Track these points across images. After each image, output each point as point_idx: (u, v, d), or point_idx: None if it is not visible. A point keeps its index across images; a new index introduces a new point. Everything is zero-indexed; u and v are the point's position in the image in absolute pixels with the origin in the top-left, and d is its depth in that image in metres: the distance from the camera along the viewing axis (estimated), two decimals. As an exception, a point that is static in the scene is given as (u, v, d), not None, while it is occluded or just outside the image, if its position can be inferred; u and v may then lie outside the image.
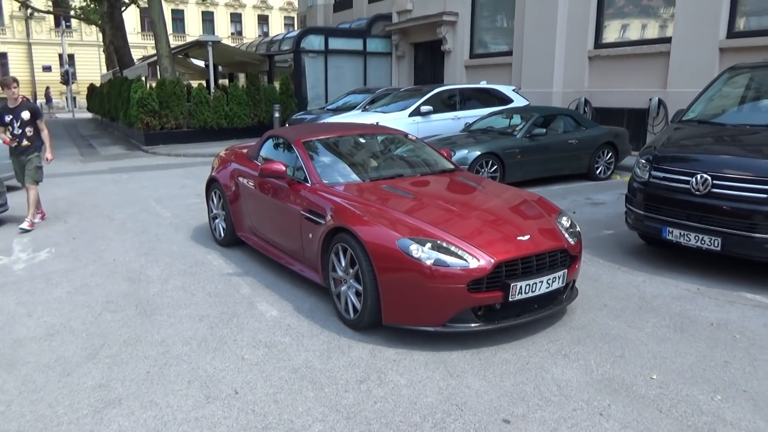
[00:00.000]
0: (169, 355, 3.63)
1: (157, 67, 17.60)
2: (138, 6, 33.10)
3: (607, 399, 3.10)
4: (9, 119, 6.88)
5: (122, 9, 27.06)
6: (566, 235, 4.08)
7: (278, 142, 5.63)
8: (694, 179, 4.85)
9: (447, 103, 11.21)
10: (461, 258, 3.60)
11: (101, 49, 39.75)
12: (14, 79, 6.94)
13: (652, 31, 11.88)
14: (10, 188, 8.31)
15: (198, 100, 16.14)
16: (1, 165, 8.48)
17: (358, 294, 3.92)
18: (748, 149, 5.00)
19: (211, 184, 6.25)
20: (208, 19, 51.89)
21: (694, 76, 10.17)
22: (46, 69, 34.43)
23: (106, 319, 4.21)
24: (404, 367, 3.46)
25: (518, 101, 11.47)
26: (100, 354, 3.66)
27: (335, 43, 18.67)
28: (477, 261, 3.60)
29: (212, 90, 17.34)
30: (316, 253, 4.34)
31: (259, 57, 20.60)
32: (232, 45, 28.94)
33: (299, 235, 4.61)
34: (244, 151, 6.24)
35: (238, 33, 52.38)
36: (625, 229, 5.98)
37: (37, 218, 7.11)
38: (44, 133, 7.11)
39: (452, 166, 5.42)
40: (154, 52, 19.48)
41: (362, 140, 5.67)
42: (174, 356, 3.62)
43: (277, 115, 15.35)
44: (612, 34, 12.59)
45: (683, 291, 4.62)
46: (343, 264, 4.04)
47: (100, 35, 37.75)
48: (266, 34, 47.11)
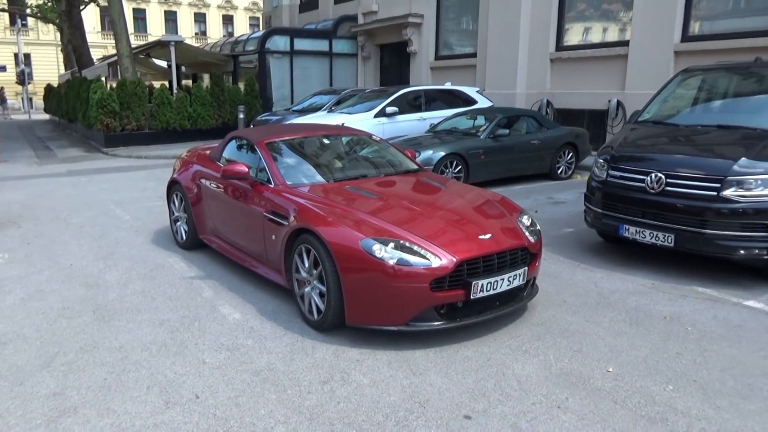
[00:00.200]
0: (128, 361, 3.56)
1: (118, 67, 17.22)
2: (98, 4, 32.34)
3: (565, 392, 3.17)
4: None
5: (81, 7, 26.38)
6: (527, 234, 4.15)
7: (241, 143, 5.58)
8: (649, 178, 5.00)
9: (412, 104, 11.28)
10: (424, 257, 3.64)
11: (59, 48, 38.65)
12: None
13: (611, 35, 12.19)
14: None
15: (160, 101, 15.85)
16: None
17: (321, 295, 3.92)
18: (699, 149, 5.17)
19: (172, 186, 6.15)
20: (171, 18, 51.01)
21: (651, 78, 10.47)
22: (1, 69, 33.36)
23: (61, 325, 4.10)
24: (368, 367, 3.47)
25: (482, 102, 11.62)
26: (55, 362, 3.57)
27: (301, 44, 18.58)
28: (439, 260, 3.64)
29: (175, 91, 17.05)
30: (279, 254, 4.32)
31: (223, 57, 20.35)
32: (196, 45, 28.53)
33: (262, 237, 4.58)
34: (207, 152, 6.16)
35: (203, 33, 51.64)
36: (584, 227, 6.12)
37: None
38: None
39: (416, 167, 5.46)
40: (114, 51, 19.05)
41: (326, 141, 5.66)
42: (132, 362, 3.55)
43: (241, 116, 15.19)
44: (573, 36, 12.87)
45: (639, 286, 4.76)
46: (307, 265, 4.03)
47: (57, 34, 36.71)
48: (231, 35, 46.53)
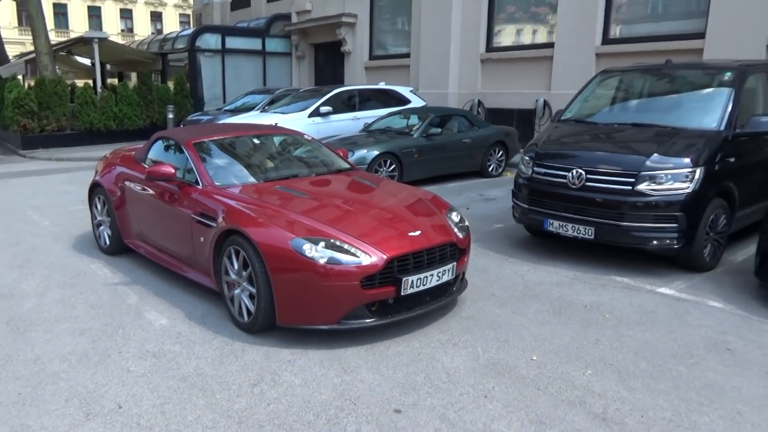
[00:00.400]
0: (45, 374, 3.39)
1: (36, 64, 16.30)
2: (13, -1, 30.48)
3: (491, 382, 3.27)
4: None
5: (-6, 1, 24.79)
6: (455, 230, 4.25)
7: (168, 143, 5.42)
8: (571, 174, 5.22)
9: (347, 103, 11.29)
10: (354, 255, 3.66)
11: (-30, 44, 36.14)
12: None
13: (538, 37, 12.63)
14: None
15: (83, 101, 15.13)
16: None
17: (251, 297, 3.87)
18: (616, 146, 5.45)
19: (95, 189, 5.90)
20: (94, 14, 48.66)
21: (575, 79, 10.89)
22: None
23: (-28, 338, 3.86)
24: (299, 367, 3.46)
25: (416, 102, 11.78)
26: (-36, 377, 3.35)
27: (233, 43, 18.21)
28: (369, 258, 3.67)
29: (99, 90, 16.33)
30: (208, 257, 4.23)
31: (151, 56, 19.66)
32: (122, 42, 27.40)
33: (190, 240, 4.47)
34: (131, 153, 5.95)
35: (129, 30, 49.59)
36: (513, 223, 6.32)
37: None
38: None
39: (348, 166, 5.47)
40: (32, 48, 18.02)
41: (257, 141, 5.58)
42: (50, 374, 3.38)
43: (171, 116, 14.73)
44: (502, 38, 13.24)
45: (562, 278, 4.97)
46: (236, 267, 3.97)
47: (-32, 30, 34.30)
48: (160, 32, 44.97)
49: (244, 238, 3.83)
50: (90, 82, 19.20)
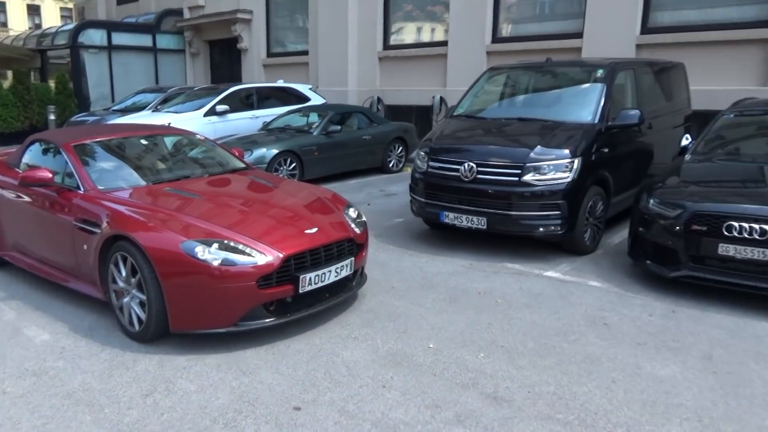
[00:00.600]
0: None
1: None
2: None
3: (390, 372, 3.35)
4: None
5: None
6: (353, 226, 4.29)
7: (46, 146, 5.05)
8: (463, 167, 5.43)
9: (244, 102, 11.05)
10: (249, 255, 3.60)
11: None
12: None
13: (433, 35, 12.98)
14: None
15: (-52, 102, 13.71)
16: None
17: (142, 304, 3.70)
18: (504, 139, 5.73)
19: (-39, 198, 5.37)
20: (-41, 7, 44.17)
21: (468, 76, 11.27)
22: None
23: None
24: (195, 373, 3.36)
25: (316, 100, 11.73)
26: None
27: (120, 39, 17.21)
28: (265, 257, 3.63)
29: (-33, 90, 14.86)
30: (93, 265, 3.99)
31: (27, 52, 18.14)
32: (-7, 38, 25.09)
33: (72, 248, 4.19)
34: (4, 158, 5.49)
35: (2, 24, 45.47)
36: (413, 217, 6.47)
37: None
38: None
39: (243, 165, 5.37)
40: None
41: (144, 142, 5.33)
42: None
43: (52, 117, 13.69)
44: (398, 36, 13.48)
45: (458, 267, 5.17)
46: (124, 274, 3.78)
47: None
48: (38, 26, 41.59)
49: (131, 244, 3.66)
50: (-44, 81, 17.41)
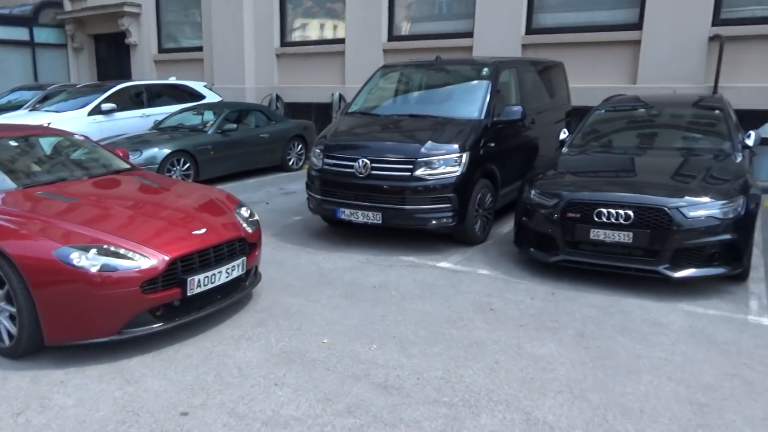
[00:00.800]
0: None
1: None
2: None
3: (283, 370, 3.35)
4: None
5: None
6: (244, 225, 4.23)
7: None
8: (357, 164, 5.50)
9: (134, 100, 10.50)
10: (131, 259, 3.45)
11: None
12: None
13: (331, 32, 12.98)
14: None
15: None
16: None
17: (12, 317, 3.44)
18: (396, 136, 5.86)
19: None
20: None
21: (365, 74, 11.40)
22: None
23: None
24: (74, 386, 3.18)
25: (211, 97, 11.39)
26: None
27: (-9, 32, 15.79)
28: (149, 260, 3.49)
29: None
30: (-47, 278, 3.65)
31: None
32: None
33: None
34: None
35: None
36: (311, 214, 6.47)
37: None
38: None
39: (128, 167, 5.12)
40: None
41: (15, 143, 4.94)
42: None
43: None
44: (296, 33, 13.36)
45: (355, 262, 5.24)
46: (-10, 286, 3.50)
47: None
48: None
49: (-3, 253, 3.39)
50: None
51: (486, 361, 3.46)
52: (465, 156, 5.44)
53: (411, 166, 5.34)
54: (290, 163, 10.00)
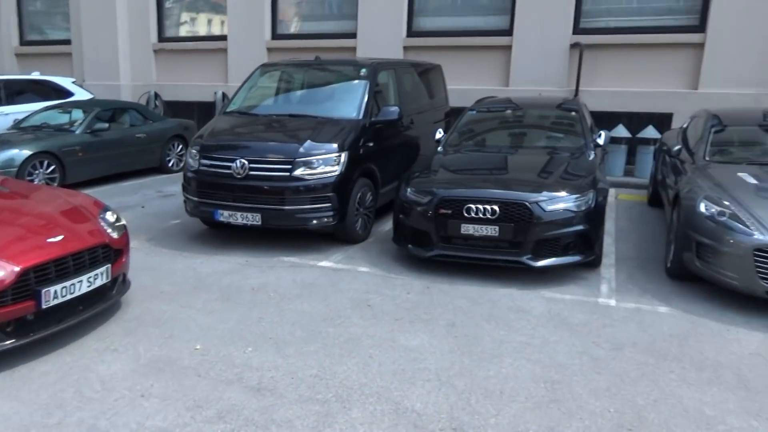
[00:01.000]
0: None
1: None
2: None
3: (151, 380, 3.22)
4: None
5: None
6: (109, 231, 4.01)
7: None
8: (235, 164, 5.40)
9: (-11, 97, 9.57)
10: (-26, 272, 3.16)
11: None
12: None
13: (211, 28, 12.58)
14: None
15: None
16: None
17: None
18: (275, 135, 5.82)
19: None
20: None
21: (249, 72, 11.23)
22: None
23: None
24: None
25: (81, 94, 10.62)
26: None
27: None
28: (-4, 272, 3.22)
29: None
30: None
31: None
32: None
33: None
34: None
35: None
36: (190, 217, 6.25)
37: None
38: None
39: (-25, 170, 4.67)
40: None
41: None
42: None
43: None
44: (175, 28, 12.81)
45: (234, 265, 5.14)
46: None
47: None
48: None
49: None
50: None
51: (361, 356, 3.54)
52: (344, 155, 5.51)
53: (290, 166, 5.33)
54: (170, 164, 9.58)
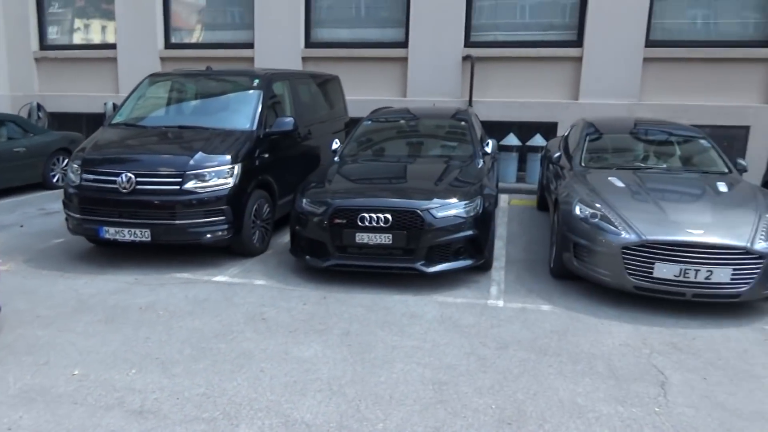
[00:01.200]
0: None
1: None
2: None
3: (20, 411, 3.01)
4: None
5: None
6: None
7: None
8: (120, 179, 5.16)
9: None
10: None
11: None
12: None
13: (99, 36, 11.94)
14: None
15: None
16: None
17: None
18: (164, 148, 5.61)
19: None
20: None
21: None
22: None
23: None
24: None
25: (-51, 106, 9.73)
26: None
27: None
28: None
29: None
30: None
31: None
32: None
33: None
34: None
35: None
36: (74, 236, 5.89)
37: None
38: None
39: None
40: None
41: None
42: None
43: None
44: (58, 36, 12.03)
45: (122, 284, 4.90)
46: None
47: None
48: None
49: None
50: None
51: (252, 371, 3.49)
52: (237, 167, 5.42)
53: (180, 179, 5.17)
54: (54, 179, 8.96)
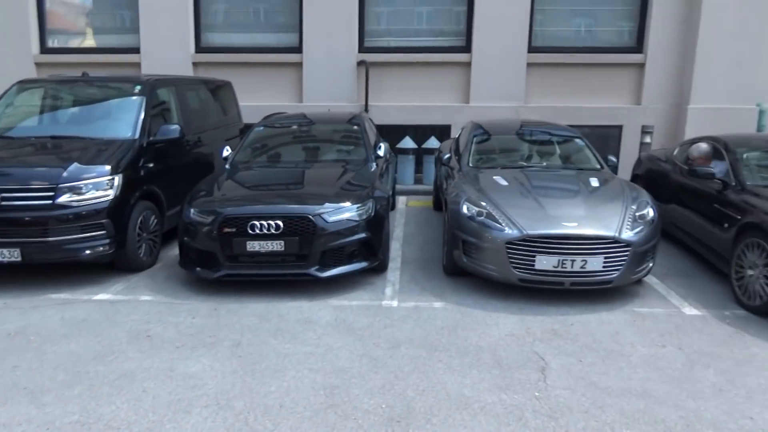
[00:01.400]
0: None
1: None
2: None
3: None
4: None
5: None
6: None
7: None
8: (-18, 195, 4.73)
9: None
10: None
11: None
12: None
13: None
14: None
15: None
16: None
17: None
18: (33, 160, 5.19)
19: None
20: None
21: (15, 89, 9.96)
22: None
23: None
24: None
25: None
26: None
27: None
28: None
29: None
30: None
31: None
32: None
33: None
34: None
35: None
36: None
37: None
38: None
39: None
40: None
41: None
42: None
43: None
44: None
45: (-14, 310, 4.50)
46: None
47: None
48: None
49: None
50: None
51: (133, 392, 3.31)
52: (118, 178, 5.14)
53: (52, 193, 4.82)
54: None
